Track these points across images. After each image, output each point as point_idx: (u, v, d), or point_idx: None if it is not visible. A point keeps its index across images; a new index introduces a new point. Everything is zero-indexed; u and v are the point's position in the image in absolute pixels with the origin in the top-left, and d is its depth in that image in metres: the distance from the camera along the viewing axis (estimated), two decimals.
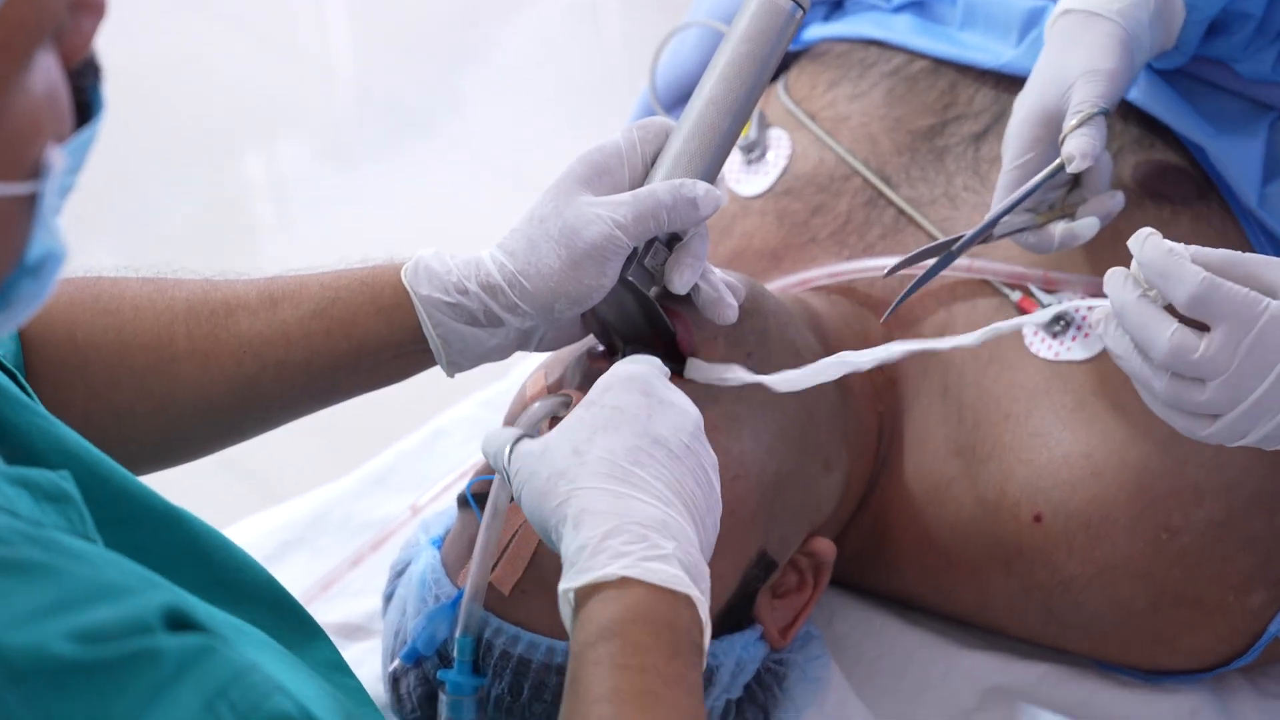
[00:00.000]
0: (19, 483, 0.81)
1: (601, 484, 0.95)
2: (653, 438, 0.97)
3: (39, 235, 0.75)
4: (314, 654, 1.00)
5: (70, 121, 0.76)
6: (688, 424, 0.99)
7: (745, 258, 1.40)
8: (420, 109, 3.09)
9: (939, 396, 1.31)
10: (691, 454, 0.98)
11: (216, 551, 0.97)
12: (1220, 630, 1.26)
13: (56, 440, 0.93)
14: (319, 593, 1.45)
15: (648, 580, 0.91)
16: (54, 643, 0.73)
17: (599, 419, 0.98)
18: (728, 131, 1.13)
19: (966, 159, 1.38)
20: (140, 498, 0.95)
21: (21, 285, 0.76)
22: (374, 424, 1.77)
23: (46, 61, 0.73)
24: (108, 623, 0.75)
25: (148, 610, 0.77)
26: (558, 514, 0.95)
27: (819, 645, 1.30)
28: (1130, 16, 1.21)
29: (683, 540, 0.94)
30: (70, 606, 0.75)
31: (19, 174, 0.73)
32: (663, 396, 1.00)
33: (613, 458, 0.95)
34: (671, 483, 0.96)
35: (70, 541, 0.80)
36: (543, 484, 0.97)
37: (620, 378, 1.01)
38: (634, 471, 0.95)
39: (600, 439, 0.96)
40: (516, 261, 1.09)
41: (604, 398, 0.99)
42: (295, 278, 1.15)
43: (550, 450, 0.98)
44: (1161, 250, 1.00)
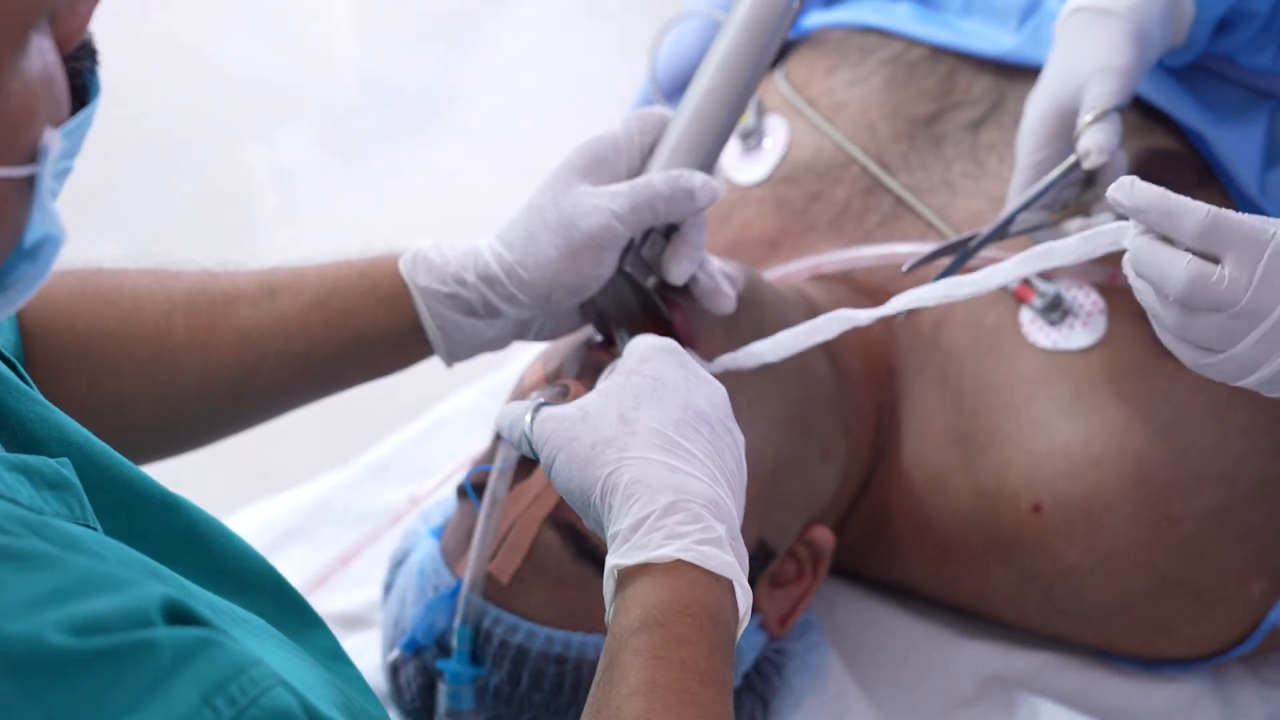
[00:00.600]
0: (19, 469, 0.81)
1: (655, 454, 0.92)
2: (696, 411, 0.95)
3: (36, 218, 0.75)
4: (314, 642, 1.00)
5: (67, 105, 0.76)
6: (721, 400, 0.97)
7: (743, 246, 1.40)
8: (421, 98, 3.08)
9: (938, 385, 1.31)
10: (728, 431, 0.96)
11: (216, 539, 0.97)
12: (1220, 619, 1.26)
13: (56, 427, 0.93)
14: (318, 583, 1.45)
15: (702, 565, 0.88)
16: (49, 633, 0.72)
17: (642, 388, 0.95)
18: (725, 121, 1.13)
19: (965, 146, 1.38)
20: (139, 485, 0.95)
21: (19, 268, 0.76)
22: (373, 414, 1.77)
23: (42, 45, 0.73)
24: (105, 613, 0.75)
25: (147, 602, 0.77)
26: (607, 483, 0.92)
27: (818, 634, 1.30)
28: (1141, 13, 1.21)
29: (730, 522, 0.92)
30: (68, 596, 0.74)
31: (16, 158, 0.73)
32: (696, 372, 0.98)
33: (663, 428, 0.93)
34: (715, 459, 0.94)
35: (70, 529, 0.80)
36: (586, 450, 0.93)
37: (655, 349, 0.98)
38: (684, 445, 0.93)
39: (647, 408, 0.94)
40: (514, 252, 1.09)
41: (644, 367, 0.97)
42: (294, 268, 1.15)
43: (592, 416, 0.94)
44: (1156, 191, 0.97)
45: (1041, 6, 1.40)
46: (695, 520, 0.89)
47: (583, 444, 0.93)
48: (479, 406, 1.66)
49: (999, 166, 1.36)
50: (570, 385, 1.13)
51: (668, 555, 0.88)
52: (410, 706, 1.21)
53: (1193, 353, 0.99)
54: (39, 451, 0.90)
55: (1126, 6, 1.21)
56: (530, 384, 1.19)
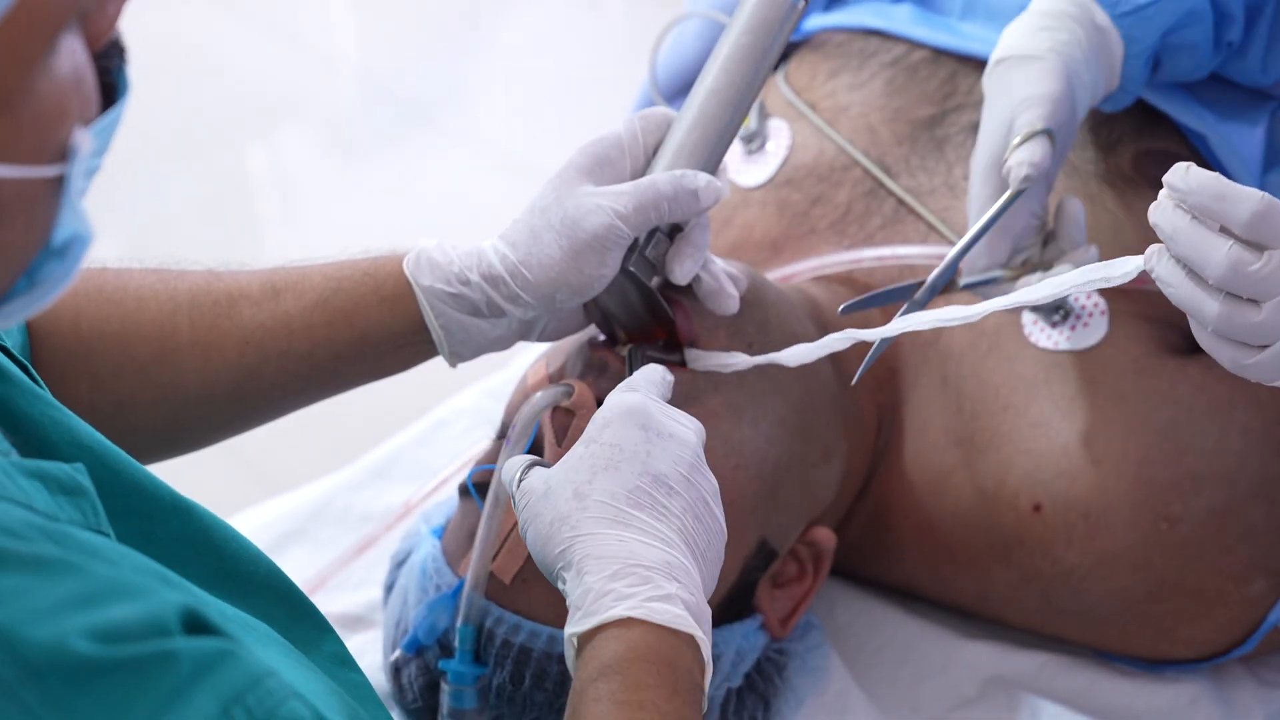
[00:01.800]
0: (35, 475, 0.81)
1: (604, 529, 0.94)
2: (653, 476, 0.96)
3: (66, 217, 0.75)
4: (321, 648, 1.00)
5: (96, 103, 0.76)
6: (687, 455, 0.98)
7: (746, 248, 1.40)
8: (422, 100, 3.09)
9: (938, 386, 1.31)
10: (691, 486, 0.98)
11: (226, 544, 0.97)
12: (1220, 620, 1.26)
13: (69, 431, 0.93)
14: (319, 584, 1.45)
15: (651, 620, 0.91)
16: (74, 639, 0.72)
17: (599, 458, 0.97)
18: (729, 123, 1.13)
19: (966, 149, 1.38)
20: (151, 489, 0.95)
21: (48, 267, 0.76)
22: (375, 414, 1.78)
23: (72, 44, 0.73)
24: (126, 622, 0.75)
25: (165, 611, 0.77)
26: (562, 559, 0.95)
27: (819, 635, 1.30)
28: (1064, 53, 1.20)
29: (685, 580, 0.94)
30: (89, 603, 0.74)
31: (46, 157, 0.73)
32: (660, 428, 0.99)
33: (614, 501, 0.95)
34: (673, 521, 0.96)
35: (85, 537, 0.80)
36: (546, 528, 0.96)
37: (618, 412, 0.99)
38: (635, 515, 0.95)
39: (601, 480, 0.96)
40: (518, 252, 1.09)
41: (603, 434, 0.98)
42: (298, 268, 1.15)
43: (552, 492, 0.97)
44: (1210, 175, 0.96)
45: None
46: (644, 582, 0.92)
47: (544, 521, 0.97)
48: (480, 407, 1.66)
49: None
50: (575, 385, 1.13)
51: (618, 614, 0.91)
52: (413, 707, 1.21)
53: (1233, 351, 0.99)
54: (51, 454, 0.90)
55: (1047, 48, 1.20)
56: (534, 384, 1.19)
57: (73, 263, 0.77)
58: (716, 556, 0.99)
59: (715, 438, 1.14)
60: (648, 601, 0.91)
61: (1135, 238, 1.32)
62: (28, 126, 0.72)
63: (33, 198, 0.73)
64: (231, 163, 2.98)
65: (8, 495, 0.78)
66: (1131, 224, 1.32)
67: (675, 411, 1.02)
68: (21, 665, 0.72)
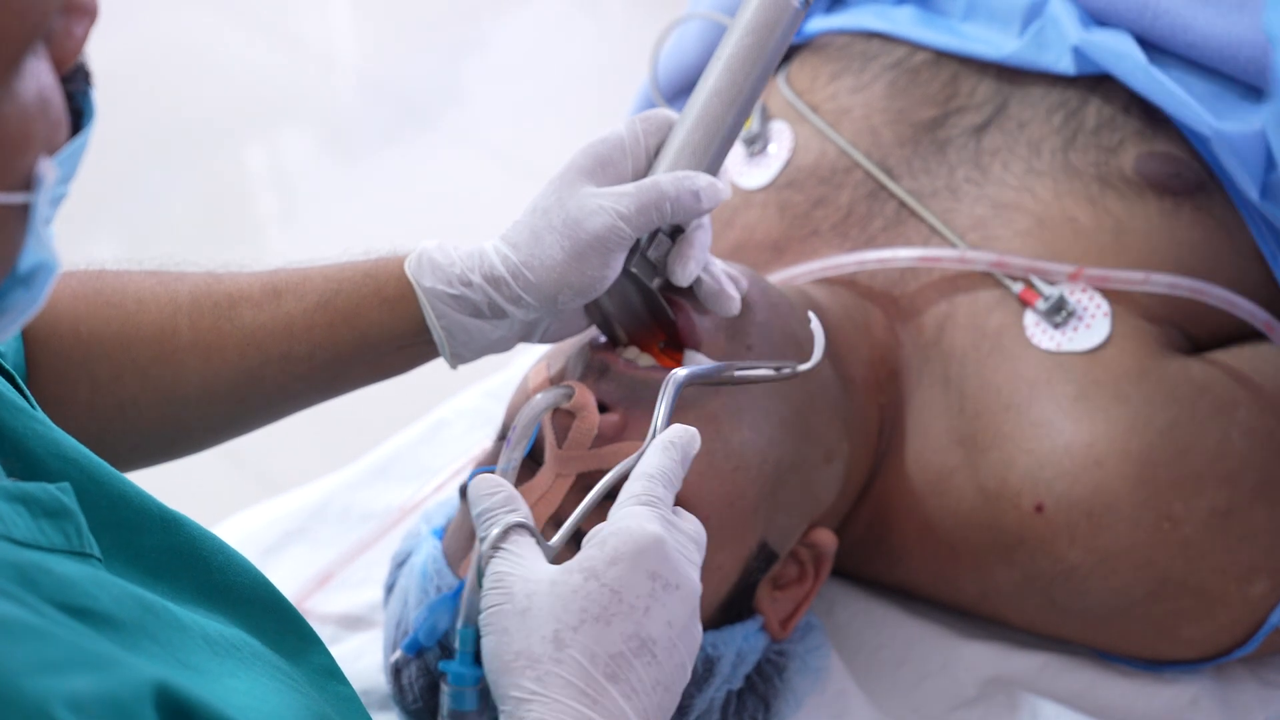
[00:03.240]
0: (18, 499, 0.80)
1: (571, 701, 0.88)
2: (642, 640, 0.90)
3: (31, 246, 0.74)
4: (309, 660, 0.99)
5: (65, 128, 0.74)
6: (685, 610, 0.92)
7: (747, 250, 1.40)
8: (422, 100, 3.08)
9: (940, 387, 1.31)
10: (675, 652, 0.92)
11: (214, 556, 0.96)
12: (1221, 620, 1.27)
13: (54, 445, 0.91)
14: (319, 584, 1.45)
15: None
16: (55, 706, 0.69)
17: (593, 603, 0.90)
18: (731, 124, 1.13)
19: (968, 151, 1.38)
20: (137, 502, 0.94)
21: (14, 295, 0.75)
22: (375, 414, 1.78)
23: (37, 68, 0.71)
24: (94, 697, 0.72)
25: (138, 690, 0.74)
26: (515, 706, 0.90)
27: (819, 636, 1.30)
28: None
29: None
30: (60, 669, 0.71)
31: (9, 183, 0.71)
32: (669, 578, 0.92)
33: (592, 666, 0.89)
34: (639, 699, 0.90)
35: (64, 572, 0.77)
36: (510, 656, 0.90)
37: (631, 548, 0.92)
38: (608, 690, 0.89)
39: (587, 632, 0.89)
40: (520, 253, 1.09)
41: (608, 573, 0.91)
42: (298, 269, 1.14)
43: (531, 617, 0.91)
44: None
45: (1044, 10, 1.40)
46: None
47: (510, 647, 0.91)
48: (480, 408, 1.66)
49: (1002, 172, 1.36)
50: (575, 387, 1.12)
51: None
52: (413, 708, 1.21)
53: None
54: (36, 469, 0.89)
55: None
56: (535, 385, 1.19)
57: (38, 290, 0.76)
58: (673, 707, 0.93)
59: (716, 441, 1.14)
60: None
61: (1137, 240, 1.32)
62: None
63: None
64: (231, 163, 2.98)
65: None
66: (1132, 227, 1.32)
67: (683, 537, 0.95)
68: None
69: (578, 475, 1.12)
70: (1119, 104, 1.37)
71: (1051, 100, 1.38)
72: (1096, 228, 1.32)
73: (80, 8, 0.73)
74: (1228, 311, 1.30)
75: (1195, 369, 1.27)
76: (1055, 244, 1.32)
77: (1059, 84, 1.39)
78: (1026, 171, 1.36)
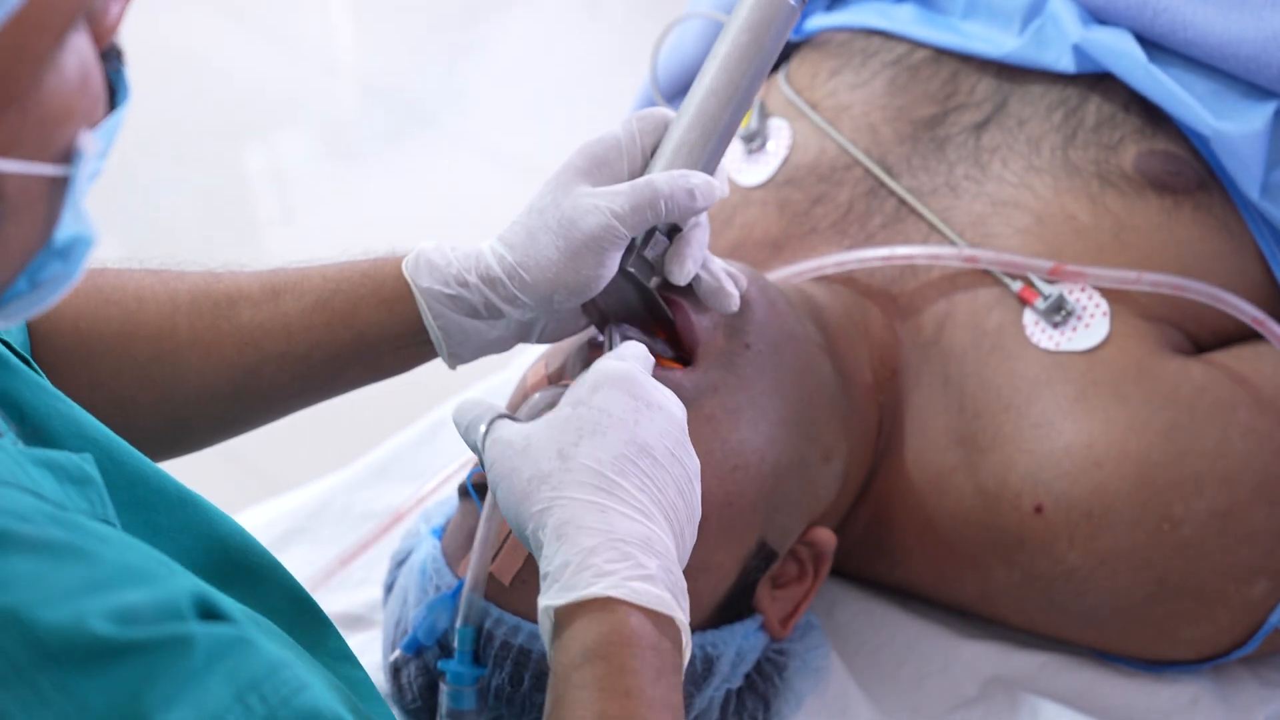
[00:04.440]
0: (43, 464, 0.81)
1: (587, 495, 0.93)
2: (639, 445, 0.96)
3: (68, 218, 0.75)
4: (325, 644, 1.00)
5: (103, 104, 0.76)
6: (674, 429, 0.98)
7: (746, 248, 1.40)
8: (422, 101, 3.09)
9: (940, 386, 1.31)
10: (676, 461, 0.97)
11: (231, 537, 0.97)
12: (1221, 621, 1.26)
13: (74, 423, 0.93)
14: (319, 583, 1.45)
15: (633, 601, 0.90)
16: (92, 620, 0.72)
17: (586, 421, 0.96)
18: (728, 122, 1.12)
19: (968, 149, 1.38)
20: (156, 482, 0.95)
21: (50, 266, 0.76)
22: (375, 414, 1.78)
23: (79, 42, 0.73)
24: (142, 604, 0.74)
25: (179, 596, 0.77)
26: (538, 520, 0.94)
27: (819, 635, 1.30)
28: None
29: (665, 558, 0.93)
30: (102, 586, 0.74)
31: (50, 155, 0.73)
32: (649, 398, 0.98)
33: (599, 466, 0.94)
34: (655, 494, 0.95)
35: (93, 526, 0.80)
36: (524, 484, 0.95)
37: (609, 376, 0.99)
38: (619, 483, 0.94)
39: (587, 444, 0.95)
40: (516, 254, 1.09)
41: (593, 398, 0.97)
42: (297, 269, 1.15)
43: (533, 448, 0.96)
44: None
45: (1044, 8, 1.40)
46: (624, 558, 0.91)
47: (521, 477, 0.95)
48: None
49: (1002, 169, 1.36)
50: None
51: (597, 593, 0.90)
52: (412, 707, 1.21)
53: None
54: (58, 444, 0.90)
55: None
56: (533, 384, 1.19)
57: (75, 264, 0.77)
58: (693, 535, 0.99)
59: (714, 440, 1.14)
60: (629, 580, 0.91)
61: (1136, 239, 1.32)
62: (34, 123, 0.72)
63: (36, 195, 0.73)
64: (231, 164, 2.98)
65: (17, 482, 0.78)
66: (1132, 225, 1.32)
67: (662, 386, 1.01)
68: (35, 648, 0.72)
69: None
70: (1119, 102, 1.37)
71: (1051, 98, 1.38)
72: (1096, 226, 1.32)
73: None
74: (1226, 311, 1.30)
75: (1195, 369, 1.27)
76: (1055, 242, 1.32)
77: (1059, 82, 1.39)
78: (1026, 169, 1.36)
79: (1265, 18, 1.32)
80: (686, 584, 0.96)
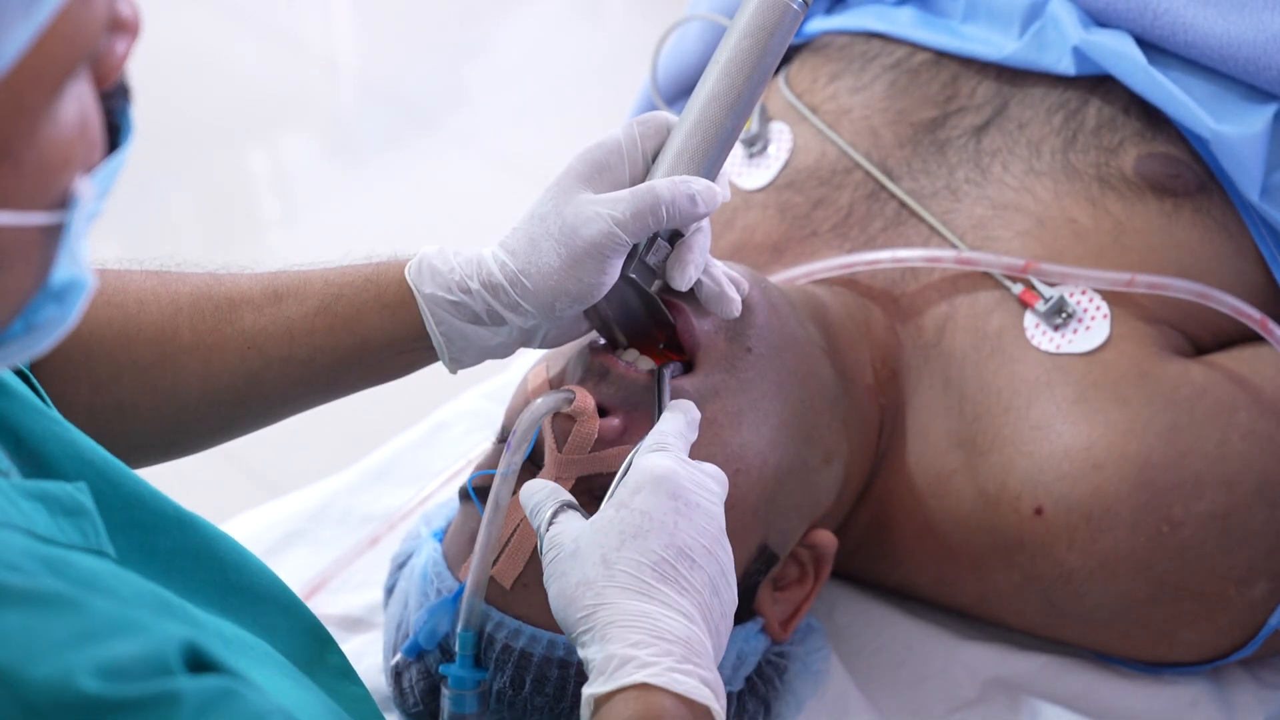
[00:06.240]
0: (36, 497, 0.81)
1: (628, 600, 0.96)
2: (678, 548, 0.98)
3: (64, 263, 0.74)
4: (324, 661, 1.00)
5: (101, 148, 0.75)
6: (712, 528, 1.00)
7: (747, 251, 1.40)
8: (424, 103, 3.09)
9: (940, 389, 1.31)
10: (712, 559, 0.99)
11: (229, 555, 0.97)
12: (1220, 623, 1.26)
13: (71, 445, 0.92)
14: (319, 586, 1.45)
15: (672, 689, 0.92)
16: (80, 677, 0.71)
17: (628, 525, 0.98)
18: (730, 128, 1.12)
19: (968, 151, 1.38)
20: (153, 503, 0.94)
21: (46, 309, 0.75)
22: (375, 417, 1.78)
23: (80, 89, 0.71)
24: (130, 659, 0.74)
25: (167, 648, 0.76)
26: (584, 624, 0.96)
27: (819, 638, 1.30)
28: None
29: (703, 658, 0.95)
30: (93, 639, 0.74)
31: (46, 203, 0.72)
32: (689, 498, 0.99)
33: (639, 572, 0.96)
34: (693, 596, 0.97)
35: (85, 564, 0.79)
36: (571, 589, 0.97)
37: (650, 478, 1.00)
38: (658, 588, 0.96)
39: (629, 549, 0.97)
40: (517, 260, 1.09)
41: (634, 500, 0.99)
42: (299, 273, 1.14)
43: (580, 553, 0.98)
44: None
45: (1044, 11, 1.40)
46: (665, 654, 0.93)
47: (569, 581, 0.98)
48: (479, 410, 1.66)
49: (1002, 173, 1.36)
50: (575, 391, 1.12)
51: (639, 679, 0.92)
52: (413, 710, 1.21)
53: None
54: (53, 469, 0.89)
55: None
56: (534, 388, 1.19)
57: (70, 307, 0.76)
58: (727, 628, 1.00)
59: (716, 444, 1.14)
60: (669, 671, 0.93)
61: (1136, 241, 1.32)
62: (30, 174, 0.70)
63: (31, 243, 0.72)
64: (233, 166, 2.98)
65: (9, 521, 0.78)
66: (1132, 228, 1.32)
67: (702, 475, 1.02)
68: (24, 707, 0.71)
69: (578, 479, 1.12)
70: (1119, 105, 1.37)
71: (1051, 101, 1.38)
72: (1096, 228, 1.32)
73: (124, 25, 0.73)
74: (1221, 311, 1.30)
75: (1195, 372, 1.27)
76: (1055, 245, 1.32)
77: (1059, 85, 1.39)
78: (1026, 172, 1.36)
79: (1265, 20, 1.32)
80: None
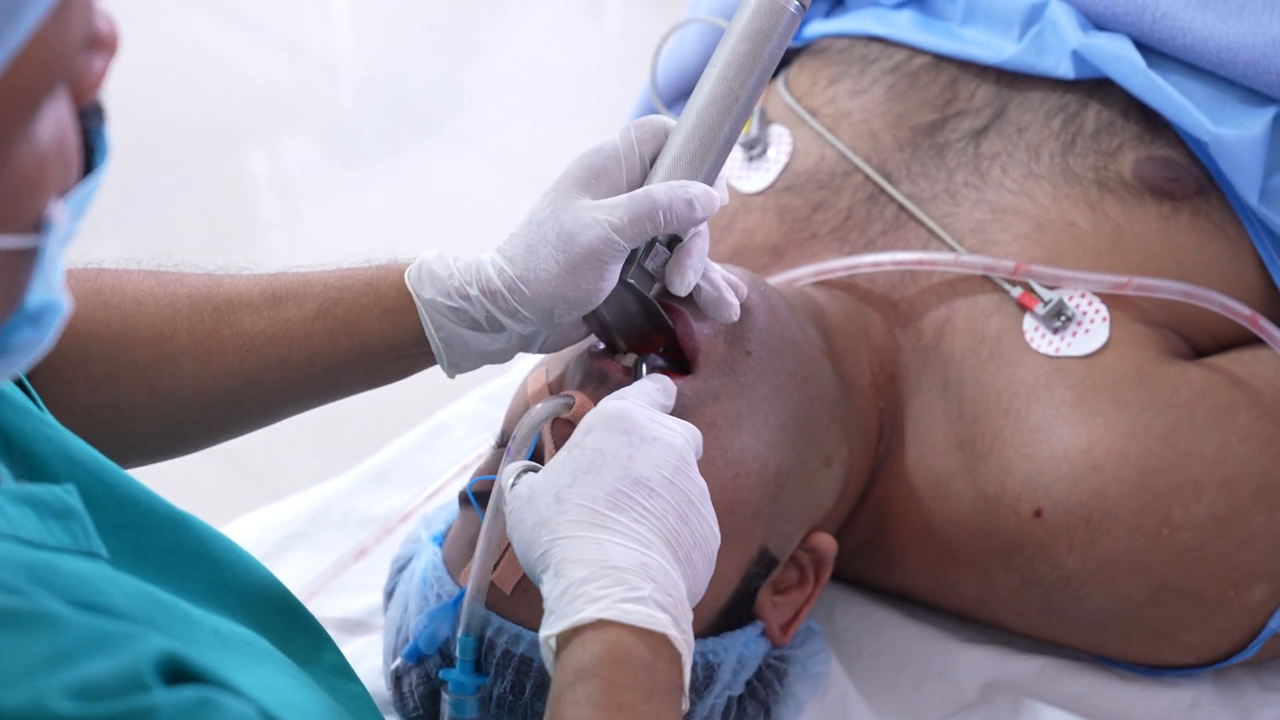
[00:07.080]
0: (24, 500, 0.80)
1: (581, 532, 0.95)
2: (634, 478, 0.97)
3: (38, 286, 0.73)
4: (320, 659, 1.00)
5: (77, 170, 0.74)
6: (671, 458, 0.99)
7: (746, 254, 1.40)
8: (424, 105, 3.09)
9: (940, 391, 1.31)
10: (675, 488, 0.98)
11: (223, 555, 0.97)
12: (1220, 625, 1.26)
13: (61, 447, 0.92)
14: (319, 588, 1.45)
15: (624, 621, 0.92)
16: (53, 699, 0.71)
17: (580, 462, 0.98)
18: (728, 132, 1.12)
19: (967, 155, 1.38)
20: (146, 503, 0.94)
21: (21, 332, 0.75)
22: (375, 419, 1.78)
23: (56, 110, 0.71)
24: (105, 677, 0.73)
25: (143, 663, 0.75)
26: (541, 563, 0.96)
27: (819, 641, 1.30)
28: None
29: (662, 581, 0.94)
30: (67, 659, 0.73)
31: (20, 226, 0.71)
32: (644, 433, 0.99)
33: (593, 504, 0.96)
34: (653, 523, 0.96)
35: (73, 567, 0.78)
36: (528, 532, 0.97)
37: (602, 417, 1.00)
38: (613, 517, 0.96)
39: (581, 484, 0.97)
40: (516, 267, 1.09)
41: (586, 440, 0.99)
42: (298, 275, 1.14)
43: (535, 497, 0.98)
44: None
45: (1043, 14, 1.40)
46: (618, 583, 0.93)
47: (526, 526, 0.98)
48: (479, 412, 1.66)
49: (1001, 176, 1.36)
50: (575, 397, 1.12)
51: (590, 616, 0.92)
52: (413, 715, 1.20)
53: None
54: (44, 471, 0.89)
55: None
56: (534, 392, 1.19)
57: (46, 329, 0.76)
58: (705, 558, 0.99)
59: (715, 447, 1.14)
60: (620, 603, 0.92)
61: (1135, 244, 1.32)
62: (5, 196, 0.69)
63: (4, 264, 0.71)
64: (233, 167, 2.99)
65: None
66: (1131, 231, 1.32)
67: (665, 418, 1.02)
68: None
69: None
70: (1118, 108, 1.37)
71: (1050, 104, 1.38)
72: (1095, 232, 1.32)
73: (102, 42, 0.72)
74: (1216, 311, 1.30)
75: (1194, 374, 1.27)
76: (1054, 248, 1.32)
77: (1058, 88, 1.39)
78: (1025, 176, 1.36)
79: (1264, 23, 1.32)
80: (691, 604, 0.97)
